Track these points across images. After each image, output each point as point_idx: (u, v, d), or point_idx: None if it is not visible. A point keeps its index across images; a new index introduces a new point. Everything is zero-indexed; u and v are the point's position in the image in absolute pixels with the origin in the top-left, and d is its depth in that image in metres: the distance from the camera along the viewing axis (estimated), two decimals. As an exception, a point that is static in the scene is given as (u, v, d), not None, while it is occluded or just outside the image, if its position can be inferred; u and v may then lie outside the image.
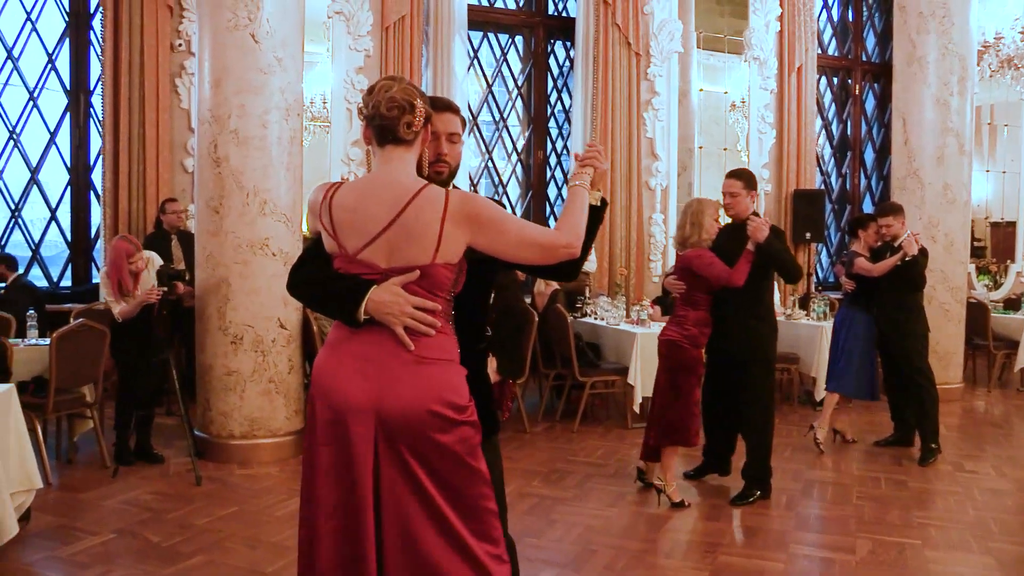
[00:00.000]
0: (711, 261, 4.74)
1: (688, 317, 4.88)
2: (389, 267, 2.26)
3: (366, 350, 2.26)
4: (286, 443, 5.87)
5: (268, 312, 5.75)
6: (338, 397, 2.24)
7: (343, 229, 2.30)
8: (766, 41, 10.11)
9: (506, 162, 9.79)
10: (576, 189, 2.41)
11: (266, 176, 5.71)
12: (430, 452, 2.20)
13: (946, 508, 5.05)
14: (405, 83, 2.33)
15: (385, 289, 2.23)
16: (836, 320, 6.63)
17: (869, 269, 6.15)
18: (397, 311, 2.22)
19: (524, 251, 2.30)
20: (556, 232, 2.31)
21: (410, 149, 2.34)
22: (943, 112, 8.44)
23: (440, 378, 2.25)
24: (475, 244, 2.28)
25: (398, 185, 2.27)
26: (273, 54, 5.70)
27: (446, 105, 2.57)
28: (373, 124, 2.32)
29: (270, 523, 4.60)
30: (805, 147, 10.37)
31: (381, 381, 2.22)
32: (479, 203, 2.29)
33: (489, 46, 9.54)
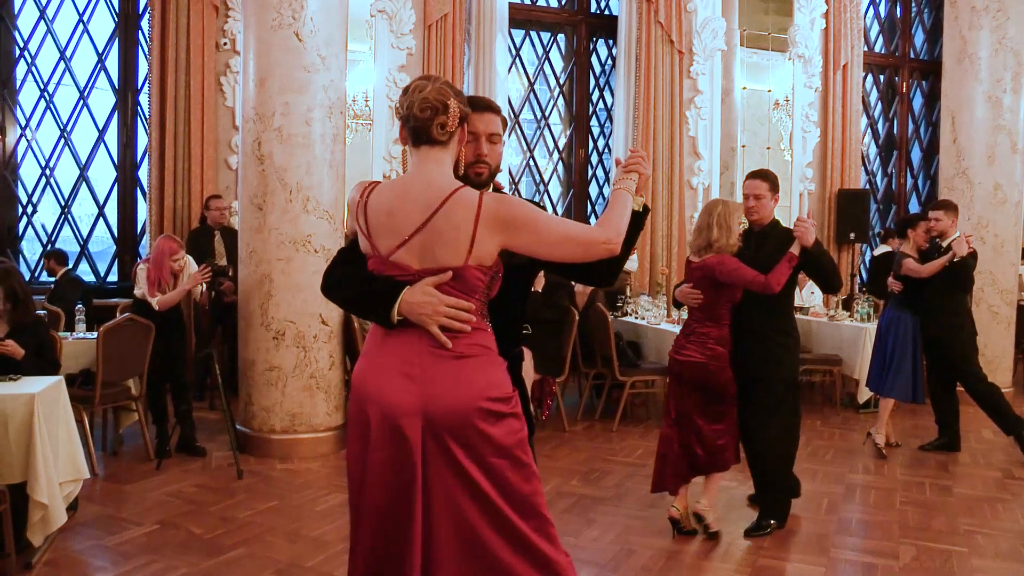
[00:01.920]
0: (737, 266, 4.23)
1: (711, 335, 4.35)
2: (422, 268, 2.26)
3: (404, 351, 2.26)
4: (326, 438, 5.92)
5: (310, 308, 5.80)
6: (382, 401, 2.24)
7: (377, 230, 2.30)
8: (811, 39, 9.99)
9: (547, 161, 9.78)
10: (619, 192, 2.40)
11: (309, 173, 5.75)
12: (480, 446, 2.20)
13: (994, 516, 4.94)
14: (440, 83, 2.31)
15: (418, 290, 2.23)
16: (882, 322, 6.45)
17: (917, 270, 6.01)
18: (430, 311, 2.21)
19: (562, 249, 2.28)
20: (595, 228, 2.29)
21: (445, 150, 2.32)
22: (995, 110, 8.26)
23: (481, 372, 2.25)
24: (511, 246, 2.26)
25: (432, 187, 2.26)
26: (317, 53, 5.75)
27: (486, 105, 2.53)
28: (408, 125, 2.31)
29: (310, 518, 4.64)
30: (850, 146, 10.24)
31: (424, 381, 2.22)
32: (513, 205, 2.26)
33: (531, 44, 9.54)
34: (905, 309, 6.20)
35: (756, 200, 4.52)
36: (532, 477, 2.27)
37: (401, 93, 2.34)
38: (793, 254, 4.27)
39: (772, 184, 4.55)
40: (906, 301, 6.20)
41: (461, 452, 2.19)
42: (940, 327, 6.06)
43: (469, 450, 2.19)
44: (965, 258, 5.84)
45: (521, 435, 2.28)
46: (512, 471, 2.23)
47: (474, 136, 2.46)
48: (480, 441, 2.20)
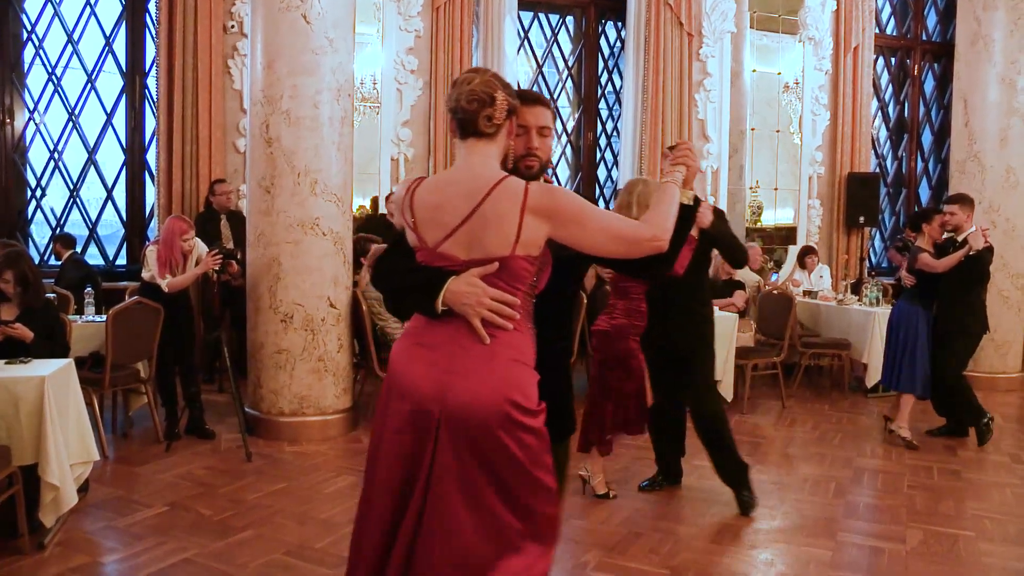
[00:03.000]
0: None
1: (618, 307, 4.53)
2: (468, 259, 2.24)
3: (438, 340, 2.25)
4: (335, 421, 5.94)
5: (318, 291, 5.80)
6: (407, 384, 2.25)
7: (424, 223, 2.30)
8: (822, 21, 9.92)
9: (556, 143, 9.74)
10: (667, 186, 2.39)
11: (317, 156, 5.75)
12: (489, 449, 2.17)
13: (1002, 500, 4.94)
14: (488, 75, 2.30)
15: (463, 280, 2.22)
16: (894, 315, 6.31)
17: (933, 265, 5.90)
18: (474, 302, 2.20)
19: (607, 244, 2.27)
20: (641, 224, 2.28)
21: (492, 142, 2.31)
22: (1008, 92, 8.19)
23: (510, 376, 2.21)
24: (557, 236, 2.25)
25: (477, 178, 2.25)
26: (324, 35, 5.73)
27: (536, 98, 2.52)
28: (455, 117, 2.31)
29: (319, 500, 4.67)
30: (860, 129, 10.18)
31: (449, 372, 2.21)
32: (560, 195, 2.26)
33: (539, 26, 9.49)
34: (918, 303, 6.09)
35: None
36: (542, 492, 2.22)
37: (452, 86, 2.34)
38: (692, 236, 4.21)
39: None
40: (919, 295, 6.09)
41: (466, 447, 2.17)
42: (954, 323, 5.98)
43: (475, 448, 2.17)
44: (981, 252, 5.77)
45: (537, 450, 2.21)
46: (519, 486, 2.19)
47: (524, 129, 2.44)
48: (490, 443, 2.17)
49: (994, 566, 3.96)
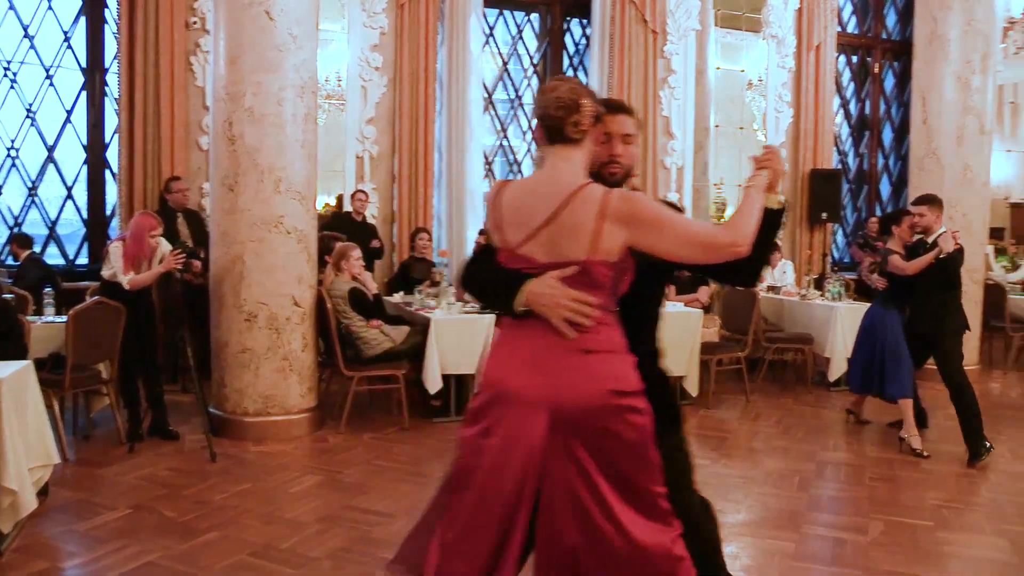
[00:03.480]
0: None
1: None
2: (547, 261, 2.30)
3: (533, 345, 2.30)
4: (300, 420, 5.91)
5: (283, 290, 5.77)
6: (509, 392, 2.29)
7: (508, 224, 2.37)
8: (784, 19, 10.01)
9: (521, 141, 9.76)
10: (751, 190, 2.40)
11: (281, 154, 5.71)
12: (603, 442, 2.22)
13: (960, 490, 5.03)
14: (573, 82, 2.37)
15: (542, 282, 2.28)
16: (867, 319, 6.24)
17: (903, 268, 5.80)
18: (553, 303, 2.25)
19: (686, 250, 2.28)
20: (721, 230, 2.29)
21: (578, 148, 2.36)
22: (964, 91, 8.34)
23: (608, 367, 2.27)
24: (635, 244, 2.28)
25: (559, 183, 2.31)
26: (288, 31, 5.69)
27: (619, 107, 2.57)
28: (543, 124, 2.36)
29: (284, 500, 4.64)
30: (822, 126, 10.29)
31: (552, 374, 2.25)
32: (639, 202, 2.28)
33: (505, 24, 9.49)
34: (891, 306, 6.04)
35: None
36: (653, 470, 2.29)
37: (537, 93, 2.41)
38: None
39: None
40: (892, 298, 6.04)
41: (580, 444, 2.22)
42: (933, 324, 5.85)
43: (588, 444, 2.22)
44: (952, 254, 5.68)
45: (646, 432, 2.27)
46: (633, 468, 2.25)
47: (608, 136, 2.49)
48: (603, 437, 2.22)
49: (952, 554, 4.04)
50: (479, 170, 8.75)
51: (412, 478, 5.06)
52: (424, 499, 4.66)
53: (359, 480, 4.99)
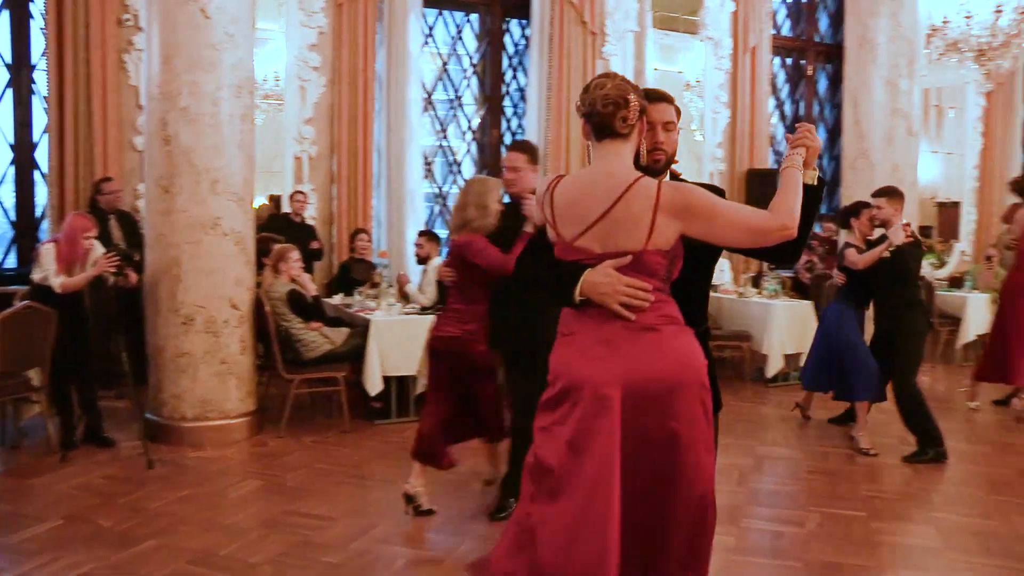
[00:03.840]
0: (482, 247, 4.16)
1: (465, 312, 4.34)
2: (603, 252, 2.41)
3: (598, 331, 2.40)
4: (239, 424, 5.83)
5: (220, 292, 5.68)
6: (583, 377, 2.37)
7: (562, 219, 2.47)
8: (721, 21, 10.16)
9: (461, 141, 9.74)
10: (789, 171, 2.47)
11: (218, 155, 5.62)
12: (677, 415, 2.35)
13: (892, 481, 5.18)
14: (618, 79, 2.46)
15: (598, 271, 2.39)
16: (826, 316, 6.15)
17: (854, 262, 5.68)
18: (610, 291, 2.36)
19: (737, 235, 2.40)
20: (769, 215, 2.38)
21: (627, 142, 2.47)
22: (893, 94, 8.59)
23: (676, 342, 2.41)
24: (688, 232, 2.40)
25: (613, 177, 2.41)
26: (224, 30, 5.60)
27: (660, 96, 2.67)
28: (591, 121, 2.45)
29: (224, 505, 4.57)
30: (758, 127, 10.47)
31: (623, 354, 2.36)
32: (690, 192, 2.39)
33: (444, 24, 9.46)
34: (849, 303, 5.94)
35: (513, 172, 4.33)
36: (711, 449, 2.45)
37: (582, 91, 2.49)
38: (527, 232, 4.05)
39: (531, 156, 4.37)
40: (850, 294, 5.94)
41: (656, 421, 2.34)
42: (893, 321, 5.70)
43: (664, 419, 2.34)
44: (901, 247, 5.49)
45: (709, 405, 2.43)
46: (699, 440, 2.39)
47: (651, 125, 2.58)
48: (681, 404, 2.36)
49: (883, 542, 4.15)
50: (418, 171, 8.72)
51: (353, 481, 5.02)
52: (367, 501, 4.65)
53: (300, 484, 4.93)
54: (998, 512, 4.61)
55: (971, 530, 4.34)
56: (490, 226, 4.25)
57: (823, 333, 6.12)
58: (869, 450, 5.72)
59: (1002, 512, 4.61)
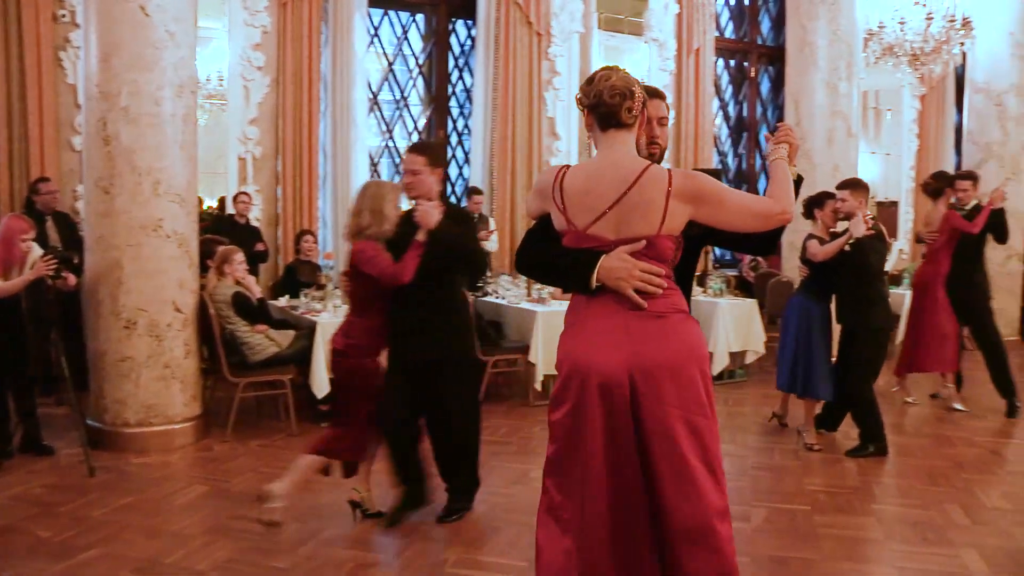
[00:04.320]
0: (373, 255, 4.00)
1: (356, 324, 4.18)
2: (617, 239, 2.49)
3: (610, 322, 2.48)
4: (184, 429, 5.73)
5: (163, 295, 5.59)
6: (594, 366, 2.44)
7: (574, 207, 2.53)
8: (665, 23, 10.27)
9: (407, 141, 9.70)
10: (777, 162, 2.64)
11: (160, 155, 5.52)
12: (685, 400, 2.45)
13: (834, 474, 5.29)
14: (622, 72, 2.56)
15: (614, 256, 2.47)
16: (787, 310, 6.03)
17: (814, 254, 5.60)
18: (626, 275, 2.45)
19: (743, 220, 2.53)
20: (770, 200, 2.54)
21: (631, 132, 2.57)
22: (832, 96, 8.77)
23: (685, 330, 2.52)
24: (697, 217, 2.50)
25: (623, 166, 2.50)
26: (165, 28, 5.50)
27: (654, 92, 2.80)
28: (597, 111, 2.54)
29: (169, 512, 4.50)
30: (703, 127, 10.60)
31: (634, 340, 2.45)
32: (700, 179, 2.51)
33: (390, 24, 9.42)
34: (811, 296, 5.83)
35: (412, 176, 4.13)
36: (716, 433, 2.54)
37: (584, 83, 2.58)
38: (418, 240, 3.99)
39: (432, 158, 4.18)
40: (812, 287, 5.84)
41: (669, 401, 2.42)
42: (854, 317, 5.68)
43: (677, 398, 2.43)
44: (861, 240, 5.41)
45: (711, 391, 2.55)
46: (705, 426, 2.48)
47: (647, 120, 2.70)
48: (686, 395, 2.45)
49: (827, 535, 4.24)
50: (364, 171, 8.66)
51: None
52: (315, 505, 4.61)
53: (247, 488, 4.87)
54: (935, 502, 4.74)
55: (910, 520, 4.46)
56: (386, 233, 4.05)
57: (786, 326, 6.00)
58: (814, 445, 5.80)
59: (938, 502, 4.74)
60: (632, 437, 2.45)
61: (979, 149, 10.53)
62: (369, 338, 4.16)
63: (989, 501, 4.79)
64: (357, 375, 4.17)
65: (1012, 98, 10.34)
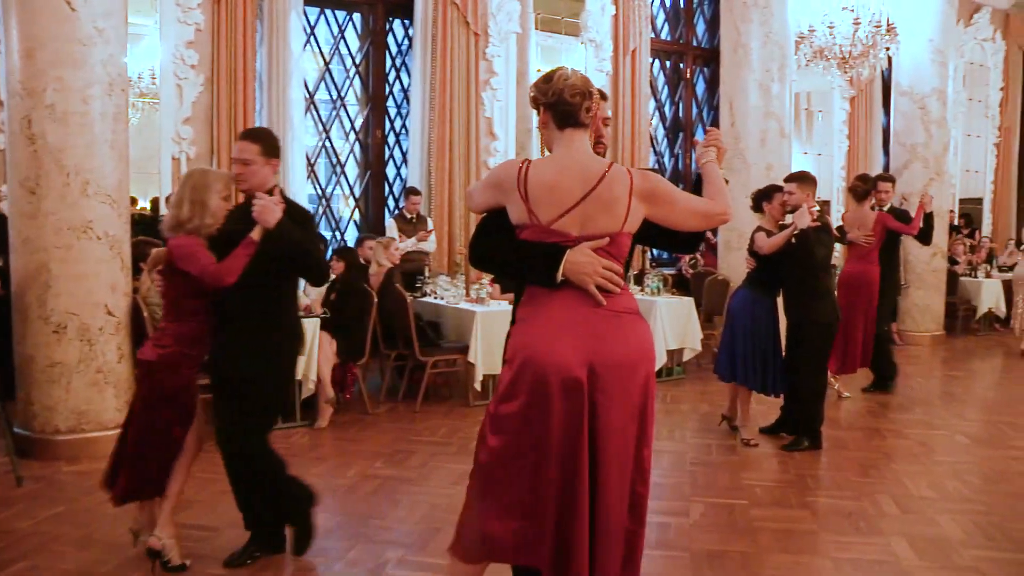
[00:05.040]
0: (192, 251, 3.53)
1: (169, 331, 3.67)
2: (580, 235, 2.56)
3: (568, 315, 2.54)
4: (118, 436, 5.59)
5: (94, 299, 5.45)
6: (554, 360, 2.48)
7: (538, 202, 2.56)
8: (602, 24, 10.37)
9: (344, 142, 9.64)
10: (710, 166, 2.79)
11: (89, 155, 5.38)
12: (637, 394, 2.56)
13: (770, 469, 5.40)
14: (578, 72, 2.65)
15: (579, 251, 2.53)
16: (733, 302, 6.04)
17: (759, 246, 5.61)
18: (591, 271, 2.52)
19: (690, 220, 2.67)
20: (713, 202, 2.68)
21: (586, 131, 2.65)
22: (765, 97, 8.94)
23: (638, 329, 2.62)
24: (651, 215, 2.62)
25: (586, 164, 2.58)
26: (93, 24, 5.37)
27: (601, 94, 2.81)
28: (557, 110, 2.60)
29: (102, 521, 4.38)
30: (639, 128, 10.73)
31: (593, 337, 2.52)
32: (656, 179, 2.64)
33: (326, 23, 9.34)
34: (758, 289, 5.82)
35: (244, 166, 3.67)
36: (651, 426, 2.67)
37: (542, 81, 2.65)
38: (252, 239, 3.54)
39: (265, 147, 3.70)
40: (759, 280, 5.81)
41: (622, 399, 2.52)
42: (800, 310, 5.70)
43: (628, 396, 2.54)
44: (806, 231, 5.42)
45: (655, 391, 2.66)
46: (649, 416, 2.63)
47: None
48: (639, 390, 2.56)
49: (764, 528, 4.33)
50: (301, 172, 8.57)
51: (240, 489, 4.88)
52: (254, 510, 4.50)
53: (184, 492, 4.76)
54: (866, 493, 4.87)
55: (843, 512, 4.58)
56: (209, 227, 3.60)
57: (730, 318, 5.97)
58: (750, 441, 5.89)
59: (870, 493, 4.87)
60: (585, 432, 2.50)
61: (905, 150, 10.84)
62: (184, 347, 3.65)
63: (917, 491, 4.94)
64: (167, 390, 3.65)
65: (934, 102, 10.67)
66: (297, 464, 4.37)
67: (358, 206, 9.81)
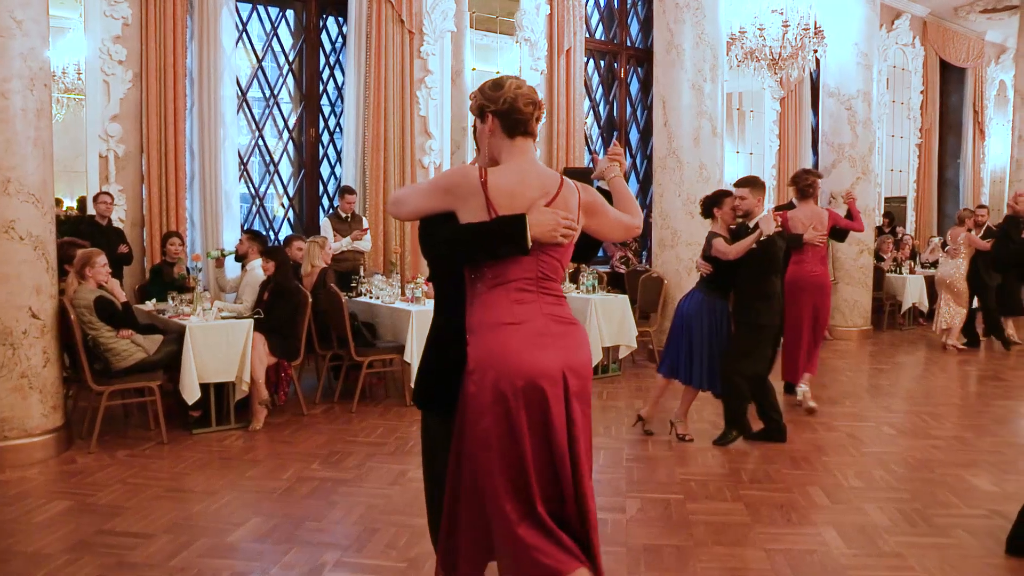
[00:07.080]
0: None
1: None
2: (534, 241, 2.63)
3: (535, 325, 2.61)
4: (44, 442, 5.44)
5: (17, 301, 5.28)
6: (526, 367, 2.55)
7: (502, 209, 2.58)
8: (537, 23, 10.41)
9: (277, 140, 9.51)
10: (617, 180, 2.96)
11: (10, 152, 5.22)
12: (587, 397, 2.72)
13: (704, 463, 5.48)
14: (525, 82, 2.70)
15: (538, 211, 2.59)
16: (685, 305, 5.96)
17: (725, 252, 5.60)
18: (556, 225, 2.59)
19: (616, 232, 2.86)
20: (631, 216, 2.88)
21: (533, 140, 2.73)
22: (698, 97, 9.06)
23: (585, 337, 2.76)
24: (588, 226, 2.77)
25: (542, 173, 2.67)
26: (11, 16, 5.20)
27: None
28: (508, 118, 2.64)
29: (27, 531, 4.25)
30: (574, 126, 10.81)
31: (560, 347, 2.62)
32: (594, 194, 2.81)
33: (259, 19, 9.20)
34: (714, 292, 5.84)
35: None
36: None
37: (490, 88, 2.68)
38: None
39: None
40: (716, 284, 5.83)
41: (580, 401, 2.66)
42: (746, 313, 5.79)
43: (583, 399, 2.68)
44: (772, 236, 5.55)
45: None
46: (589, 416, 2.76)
47: None
48: (587, 393, 2.72)
49: (699, 522, 4.39)
50: (234, 170, 8.43)
51: (171, 494, 4.80)
52: (186, 515, 4.47)
53: (113, 501, 4.67)
54: (797, 485, 4.99)
55: (776, 503, 4.67)
56: None
57: (683, 320, 5.92)
58: (685, 436, 5.99)
59: (801, 485, 4.99)
60: (565, 433, 2.61)
61: (833, 150, 11.15)
62: None
63: (846, 481, 5.08)
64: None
65: (860, 103, 11.00)
66: (231, 467, 4.32)
67: (292, 205, 9.69)
